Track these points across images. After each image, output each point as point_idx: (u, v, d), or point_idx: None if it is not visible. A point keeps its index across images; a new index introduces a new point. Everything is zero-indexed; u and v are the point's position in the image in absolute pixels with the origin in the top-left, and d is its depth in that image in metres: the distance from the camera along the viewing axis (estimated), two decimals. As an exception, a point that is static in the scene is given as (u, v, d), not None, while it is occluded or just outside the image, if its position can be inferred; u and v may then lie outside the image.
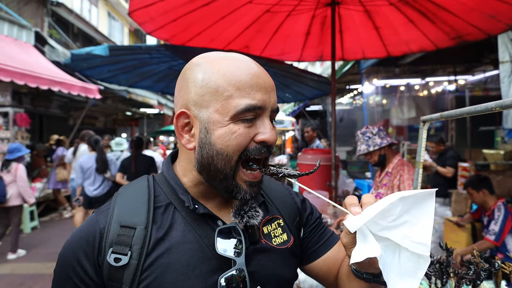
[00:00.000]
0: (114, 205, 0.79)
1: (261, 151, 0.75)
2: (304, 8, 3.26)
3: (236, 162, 0.74)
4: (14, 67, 5.65)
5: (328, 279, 0.96)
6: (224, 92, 0.72)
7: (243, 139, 0.73)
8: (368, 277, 0.75)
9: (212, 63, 0.75)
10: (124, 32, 18.25)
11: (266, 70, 0.79)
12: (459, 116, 1.02)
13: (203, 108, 0.74)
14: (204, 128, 0.74)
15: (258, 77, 0.74)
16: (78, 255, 0.74)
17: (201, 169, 0.77)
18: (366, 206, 0.65)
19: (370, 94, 7.49)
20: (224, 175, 0.75)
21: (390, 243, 0.66)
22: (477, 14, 2.94)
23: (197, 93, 0.74)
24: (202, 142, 0.75)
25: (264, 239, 0.85)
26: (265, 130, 0.74)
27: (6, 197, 4.88)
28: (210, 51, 0.84)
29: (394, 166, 2.82)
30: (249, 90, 0.72)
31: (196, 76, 0.75)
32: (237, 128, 0.72)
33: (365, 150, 2.79)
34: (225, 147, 0.72)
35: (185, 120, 0.77)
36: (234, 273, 0.74)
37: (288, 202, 0.97)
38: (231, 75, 0.73)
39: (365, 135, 2.84)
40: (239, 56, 0.78)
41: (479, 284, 1.03)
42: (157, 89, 6.91)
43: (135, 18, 3.04)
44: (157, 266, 0.73)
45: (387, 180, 2.84)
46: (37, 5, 9.73)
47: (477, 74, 6.65)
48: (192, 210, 0.79)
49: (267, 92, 0.75)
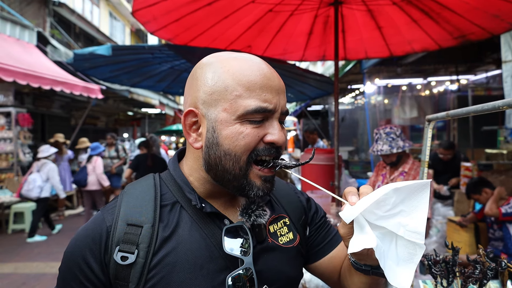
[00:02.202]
0: (120, 203, 0.78)
1: (270, 151, 0.74)
2: (307, 7, 3.25)
3: (246, 163, 0.73)
4: (16, 67, 5.66)
5: (333, 278, 0.96)
6: (233, 92, 0.72)
7: (251, 139, 0.72)
8: (367, 268, 0.75)
9: (222, 63, 0.75)
10: (126, 32, 18.28)
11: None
12: (466, 115, 1.02)
13: (212, 107, 0.74)
14: (212, 127, 0.73)
15: (269, 79, 0.74)
16: (84, 253, 0.73)
17: (209, 169, 0.77)
18: (363, 196, 0.66)
19: (372, 94, 7.48)
20: (233, 176, 0.74)
21: (386, 231, 0.68)
22: (481, 14, 2.94)
23: (206, 92, 0.74)
24: (209, 142, 0.74)
25: (270, 238, 0.85)
26: (274, 131, 0.74)
27: (86, 181, 6.25)
28: (212, 51, 0.84)
29: (411, 167, 2.86)
30: (259, 91, 0.72)
31: (206, 75, 0.75)
32: (244, 128, 0.71)
33: (388, 151, 2.78)
34: (233, 147, 0.72)
35: (193, 119, 0.77)
36: (241, 272, 0.74)
37: (294, 201, 0.97)
38: (241, 75, 0.72)
39: (390, 136, 2.83)
40: (250, 56, 0.77)
41: (486, 283, 1.03)
42: (159, 89, 6.93)
43: (138, 17, 3.04)
44: (164, 265, 0.72)
45: (402, 179, 2.86)
46: (39, 5, 9.75)
47: (479, 73, 6.63)
48: (199, 209, 0.79)
49: (277, 93, 0.75)
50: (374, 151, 2.92)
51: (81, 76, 7.54)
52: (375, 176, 3.24)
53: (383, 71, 6.49)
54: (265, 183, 0.76)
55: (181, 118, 0.81)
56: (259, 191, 0.75)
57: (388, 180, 2.99)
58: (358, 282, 0.82)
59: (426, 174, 1.35)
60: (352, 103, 11.14)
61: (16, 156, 7.21)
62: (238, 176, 0.74)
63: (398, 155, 2.85)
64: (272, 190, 0.79)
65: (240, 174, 0.74)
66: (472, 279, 1.05)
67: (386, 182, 3.00)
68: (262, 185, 0.76)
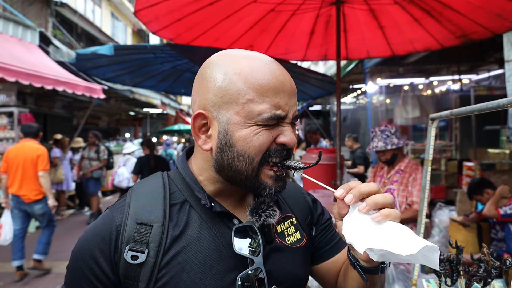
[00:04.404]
0: (129, 201, 0.77)
1: (281, 153, 0.74)
2: (309, 7, 3.25)
3: (259, 163, 0.73)
4: (19, 67, 5.67)
5: (331, 282, 0.96)
6: (245, 96, 0.70)
7: (265, 140, 0.72)
8: (360, 265, 0.74)
9: (233, 63, 0.73)
10: (127, 32, 18.32)
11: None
12: (470, 113, 1.01)
13: (223, 109, 0.72)
14: (224, 129, 0.73)
15: (282, 82, 0.72)
16: (93, 252, 0.73)
17: (220, 170, 0.76)
18: (359, 193, 0.65)
19: (374, 94, 7.48)
20: (246, 176, 0.74)
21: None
22: (484, 13, 2.93)
23: (217, 94, 0.73)
24: (222, 144, 0.73)
25: (278, 238, 0.84)
26: (287, 132, 0.73)
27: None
28: (214, 50, 0.83)
29: (407, 165, 2.92)
30: (272, 96, 0.71)
31: (216, 76, 0.73)
32: (258, 130, 0.71)
33: (383, 147, 2.86)
34: (247, 148, 0.71)
35: (203, 121, 0.76)
36: (250, 272, 0.74)
37: (300, 200, 0.96)
38: (253, 78, 0.71)
39: (384, 133, 2.92)
40: (261, 56, 0.76)
41: (490, 282, 1.03)
42: (161, 89, 6.95)
43: (140, 17, 3.05)
44: (174, 265, 0.72)
45: (398, 177, 2.91)
46: (41, 6, 9.78)
47: (482, 73, 6.62)
48: (208, 208, 0.78)
49: (290, 97, 0.74)
50: (370, 148, 3.02)
51: (83, 76, 7.55)
52: (373, 177, 3.28)
53: (385, 70, 6.49)
54: (277, 182, 0.76)
55: (183, 118, 0.80)
56: (271, 190, 0.75)
57: (385, 179, 3.02)
58: (354, 282, 0.83)
59: (429, 173, 1.35)
60: (354, 103, 11.13)
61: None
62: (250, 176, 0.73)
63: (394, 153, 2.92)
64: (284, 188, 0.78)
65: (252, 174, 0.73)
66: (476, 278, 1.04)
67: (383, 182, 3.04)
68: (274, 184, 0.75)
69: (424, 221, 1.34)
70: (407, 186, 2.83)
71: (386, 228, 0.62)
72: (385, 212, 0.63)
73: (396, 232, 0.61)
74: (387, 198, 0.64)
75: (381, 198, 0.64)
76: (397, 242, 0.59)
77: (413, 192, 2.76)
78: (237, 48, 0.84)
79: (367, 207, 0.63)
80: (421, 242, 0.58)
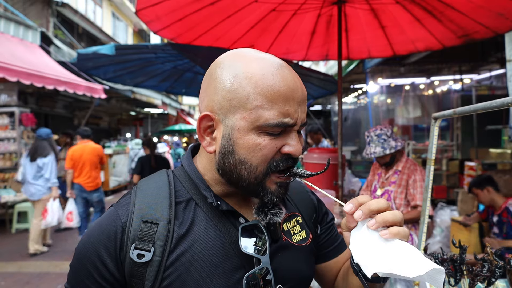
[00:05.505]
0: (134, 199, 0.76)
1: (287, 162, 0.73)
2: (310, 6, 3.25)
3: (264, 173, 0.72)
4: (20, 67, 5.68)
5: (330, 283, 0.96)
6: (254, 101, 0.68)
7: (268, 151, 0.70)
8: (363, 273, 0.72)
9: (244, 66, 0.71)
10: (128, 32, 18.33)
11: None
12: (473, 112, 1.01)
13: (230, 113, 0.71)
14: (228, 134, 0.71)
15: (293, 90, 0.70)
16: (98, 250, 0.72)
17: (223, 173, 0.76)
18: (369, 210, 0.65)
19: (375, 94, 7.47)
20: (248, 183, 0.73)
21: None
22: (485, 12, 2.92)
23: (225, 97, 0.71)
24: (225, 149, 0.72)
25: (284, 237, 0.84)
26: (292, 142, 0.72)
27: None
28: (215, 50, 0.82)
29: (405, 165, 2.87)
30: (281, 103, 0.69)
31: (225, 77, 0.71)
32: (261, 139, 0.69)
33: (381, 152, 2.78)
34: (249, 157, 0.70)
35: (209, 123, 0.75)
36: (256, 272, 0.73)
37: (306, 199, 0.96)
38: (263, 84, 0.69)
39: (381, 137, 2.83)
40: (273, 60, 0.74)
41: (494, 282, 1.02)
42: (162, 89, 6.94)
43: (141, 16, 3.05)
44: (181, 263, 0.71)
45: (396, 178, 2.87)
46: (43, 6, 9.79)
47: (483, 73, 6.60)
48: (213, 207, 0.77)
49: (299, 105, 0.72)
50: (367, 153, 2.91)
51: (84, 76, 7.56)
52: (372, 176, 3.28)
53: (386, 70, 6.48)
54: (280, 188, 0.75)
55: (183, 118, 0.80)
56: (273, 196, 0.74)
57: (383, 179, 3.00)
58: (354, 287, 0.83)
59: (432, 172, 1.34)
60: (355, 103, 11.12)
61: (20, 155, 7.24)
62: (253, 184, 0.73)
63: (392, 155, 2.86)
64: (286, 195, 0.77)
65: (255, 182, 0.72)
66: (480, 277, 1.04)
67: (381, 181, 3.02)
68: (277, 190, 0.74)
69: (427, 221, 1.34)
70: (405, 188, 2.78)
71: (394, 247, 0.62)
72: (394, 230, 0.63)
73: (403, 252, 0.61)
74: (397, 216, 0.64)
75: (391, 216, 0.64)
76: (405, 263, 0.59)
77: (416, 195, 2.71)
78: (237, 48, 0.82)
79: (376, 224, 0.63)
80: (428, 264, 0.58)
